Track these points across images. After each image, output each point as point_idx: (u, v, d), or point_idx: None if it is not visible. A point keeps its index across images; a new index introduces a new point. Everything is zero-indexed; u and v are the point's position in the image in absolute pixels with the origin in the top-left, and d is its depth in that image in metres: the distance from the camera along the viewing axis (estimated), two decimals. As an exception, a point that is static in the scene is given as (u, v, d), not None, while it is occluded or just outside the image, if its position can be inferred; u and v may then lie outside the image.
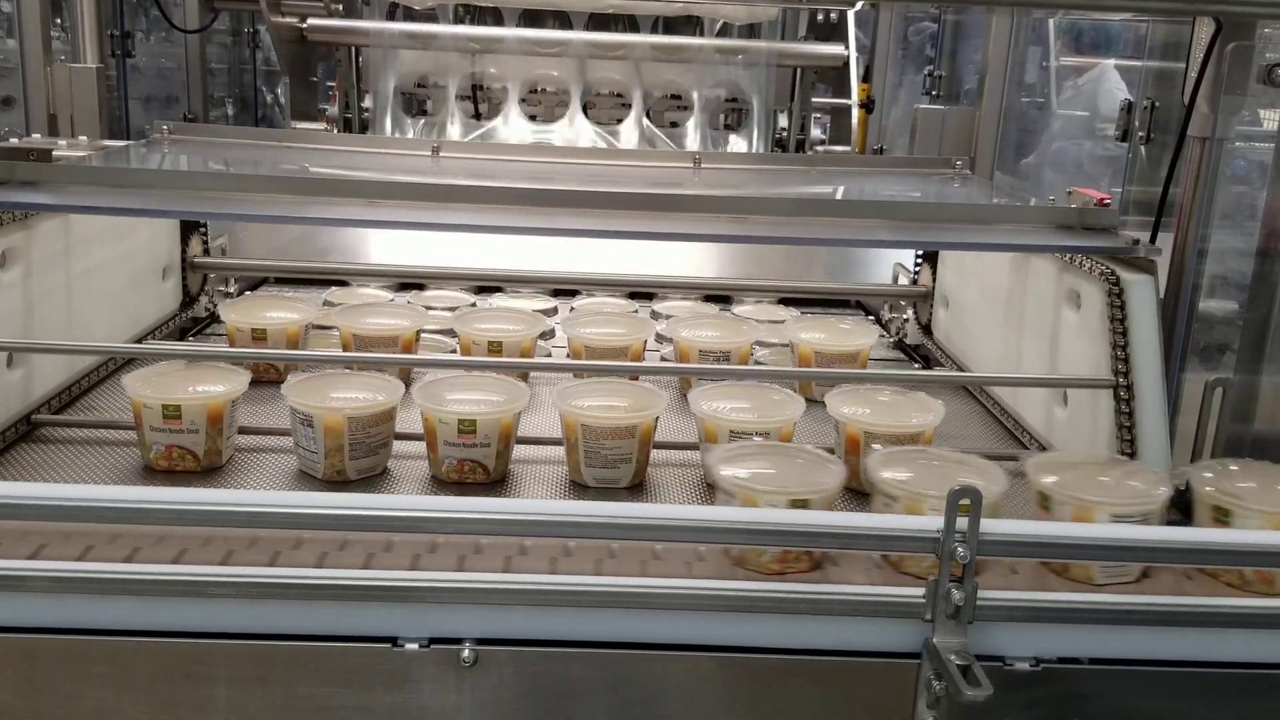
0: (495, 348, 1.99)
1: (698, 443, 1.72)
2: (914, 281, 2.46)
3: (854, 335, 2.07)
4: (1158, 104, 2.17)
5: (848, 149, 3.64)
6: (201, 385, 1.67)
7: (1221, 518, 1.35)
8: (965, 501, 1.17)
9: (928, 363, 2.41)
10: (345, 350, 2.01)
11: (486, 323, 2.07)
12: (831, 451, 1.61)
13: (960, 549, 1.18)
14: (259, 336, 2.02)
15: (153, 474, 1.62)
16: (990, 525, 1.20)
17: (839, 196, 2.11)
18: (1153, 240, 1.65)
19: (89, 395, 1.91)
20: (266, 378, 1.96)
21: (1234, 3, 1.00)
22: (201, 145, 2.31)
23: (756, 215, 1.66)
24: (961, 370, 2.19)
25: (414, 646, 1.22)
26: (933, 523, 1.20)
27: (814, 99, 3.59)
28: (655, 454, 1.70)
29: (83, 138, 2.39)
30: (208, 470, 1.63)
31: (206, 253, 2.42)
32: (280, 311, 2.08)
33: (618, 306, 2.48)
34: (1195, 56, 1.63)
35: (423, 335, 2.10)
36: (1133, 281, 1.52)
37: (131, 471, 1.64)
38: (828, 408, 1.67)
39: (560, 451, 1.69)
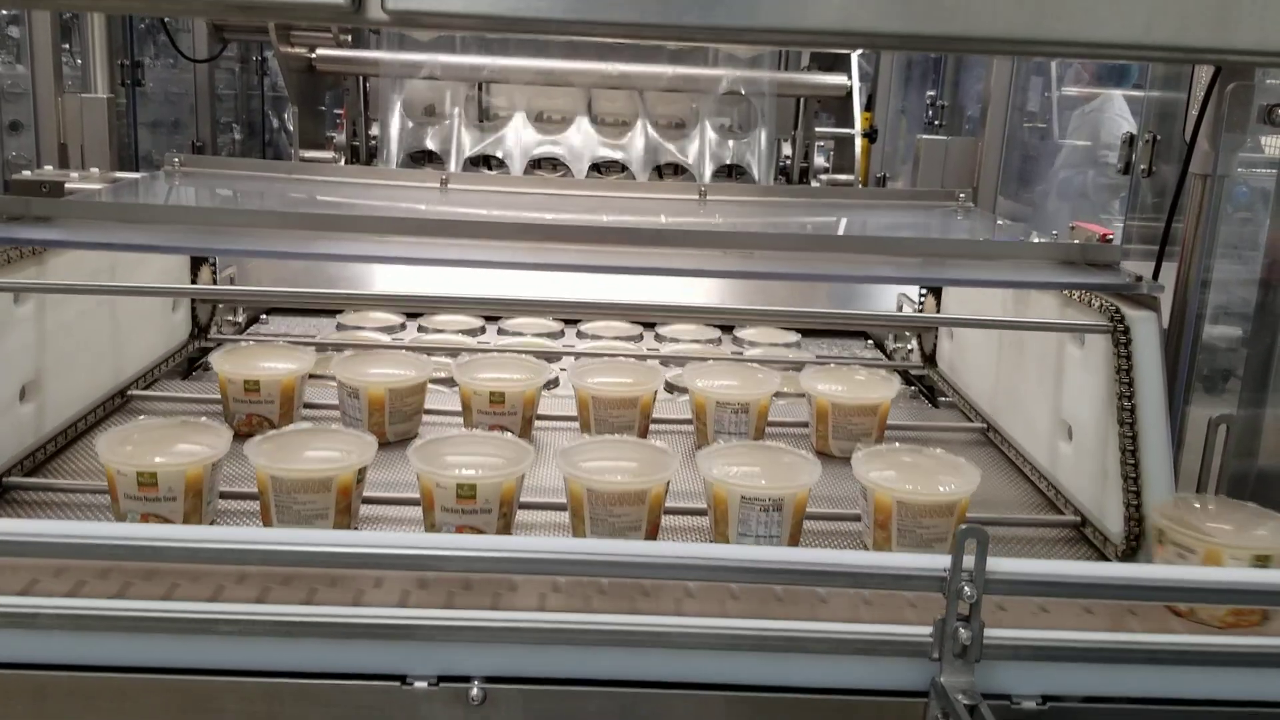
0: (497, 399, 1.89)
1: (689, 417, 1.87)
2: (919, 310, 2.47)
3: (873, 387, 1.94)
4: (1159, 137, 2.19)
5: (851, 177, 3.66)
6: (183, 444, 1.57)
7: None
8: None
9: (933, 393, 2.42)
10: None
11: (488, 371, 1.97)
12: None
13: (967, 588, 1.19)
14: (251, 388, 1.88)
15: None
16: (996, 564, 1.20)
17: (843, 231, 2.12)
18: (1155, 276, 1.66)
19: (97, 430, 1.92)
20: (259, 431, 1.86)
21: (1232, 51, 1.01)
22: (212, 177, 2.34)
23: (762, 250, 1.67)
24: (966, 400, 2.19)
25: (423, 685, 1.23)
26: (939, 561, 1.21)
27: (817, 128, 3.61)
28: (666, 519, 1.62)
29: (94, 170, 2.42)
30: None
31: (215, 282, 2.44)
32: (274, 361, 1.95)
33: (622, 330, 2.51)
34: (1196, 95, 1.65)
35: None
36: (1136, 318, 1.53)
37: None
38: (854, 470, 1.58)
39: (565, 516, 1.60)
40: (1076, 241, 1.78)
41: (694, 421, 1.94)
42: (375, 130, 3.47)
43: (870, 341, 2.72)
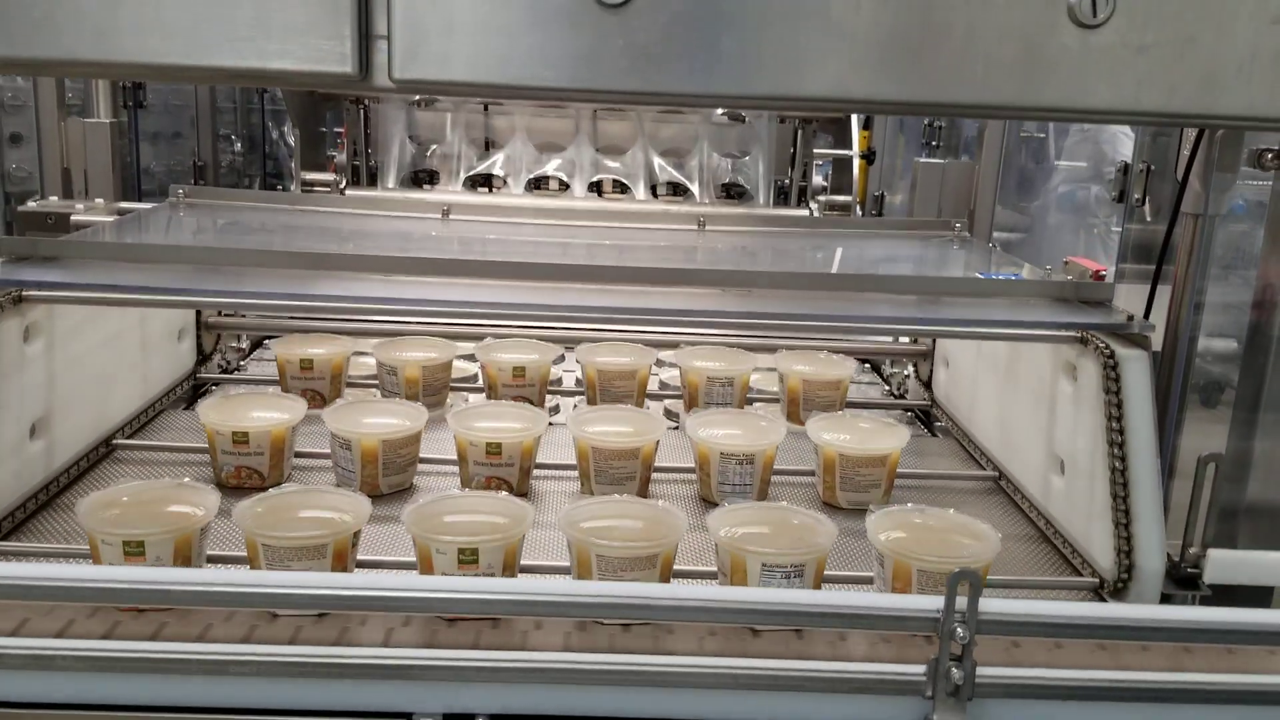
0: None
1: (693, 466, 1.90)
2: (915, 340, 2.50)
3: (881, 435, 1.92)
4: (1153, 167, 2.22)
5: (850, 198, 3.69)
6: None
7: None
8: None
9: (929, 419, 2.45)
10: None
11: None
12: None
13: (959, 629, 1.22)
14: (240, 440, 1.84)
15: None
16: (989, 605, 1.23)
17: (840, 264, 2.16)
18: (1147, 315, 1.69)
19: (106, 463, 1.95)
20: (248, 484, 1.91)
21: (1219, 117, 1.04)
22: (215, 209, 2.37)
23: (760, 289, 1.70)
24: (962, 430, 2.22)
25: (427, 722, 1.26)
26: (932, 603, 1.24)
27: (816, 149, 3.64)
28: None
29: (99, 200, 2.45)
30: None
31: (220, 312, 2.47)
32: (264, 411, 1.92)
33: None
34: (1189, 134, 1.68)
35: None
36: (1127, 357, 1.56)
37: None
38: (869, 532, 1.55)
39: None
40: (1070, 278, 1.81)
41: (697, 471, 1.89)
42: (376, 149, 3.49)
43: (868, 365, 2.75)
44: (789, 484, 1.95)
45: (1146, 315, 1.71)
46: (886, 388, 2.63)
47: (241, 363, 2.61)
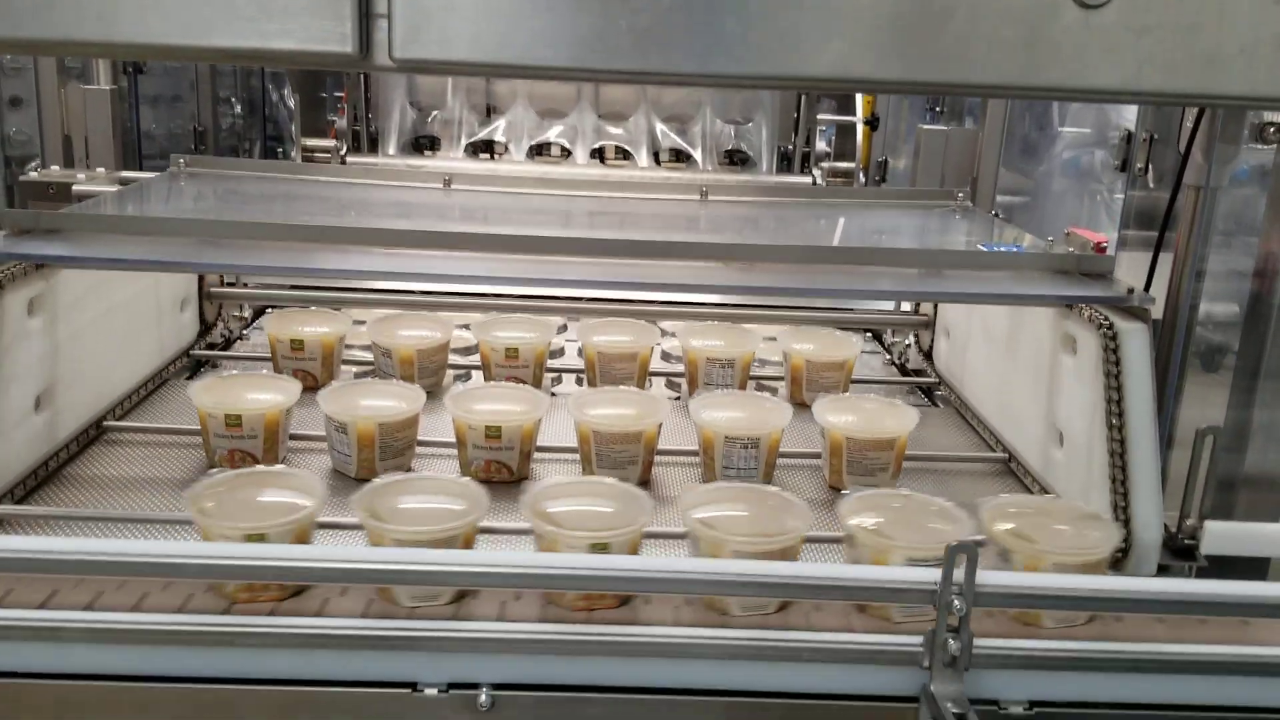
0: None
1: (697, 449, 1.87)
2: (916, 309, 2.51)
3: (888, 416, 1.90)
4: (1156, 136, 2.21)
5: (853, 165, 3.68)
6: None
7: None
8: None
9: (929, 390, 2.45)
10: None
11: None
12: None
13: (956, 601, 1.24)
14: (233, 423, 1.80)
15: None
16: (986, 577, 1.25)
17: (843, 236, 2.16)
18: (1147, 287, 1.70)
19: (114, 431, 1.96)
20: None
21: (1220, 97, 1.04)
22: (216, 179, 2.37)
23: (762, 263, 1.71)
24: (963, 401, 2.23)
25: (433, 692, 1.27)
26: (929, 575, 1.26)
27: (819, 115, 3.63)
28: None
29: (100, 169, 2.45)
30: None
31: (223, 282, 2.47)
32: (258, 393, 1.87)
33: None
34: (1191, 109, 1.68)
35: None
36: (1127, 330, 1.56)
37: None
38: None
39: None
40: (1071, 250, 1.81)
41: (701, 455, 1.86)
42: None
43: (869, 334, 2.75)
44: (795, 467, 1.92)
45: (1148, 286, 1.71)
46: (888, 357, 2.64)
47: (244, 332, 2.62)
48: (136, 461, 1.85)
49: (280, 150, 6.25)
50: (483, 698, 1.27)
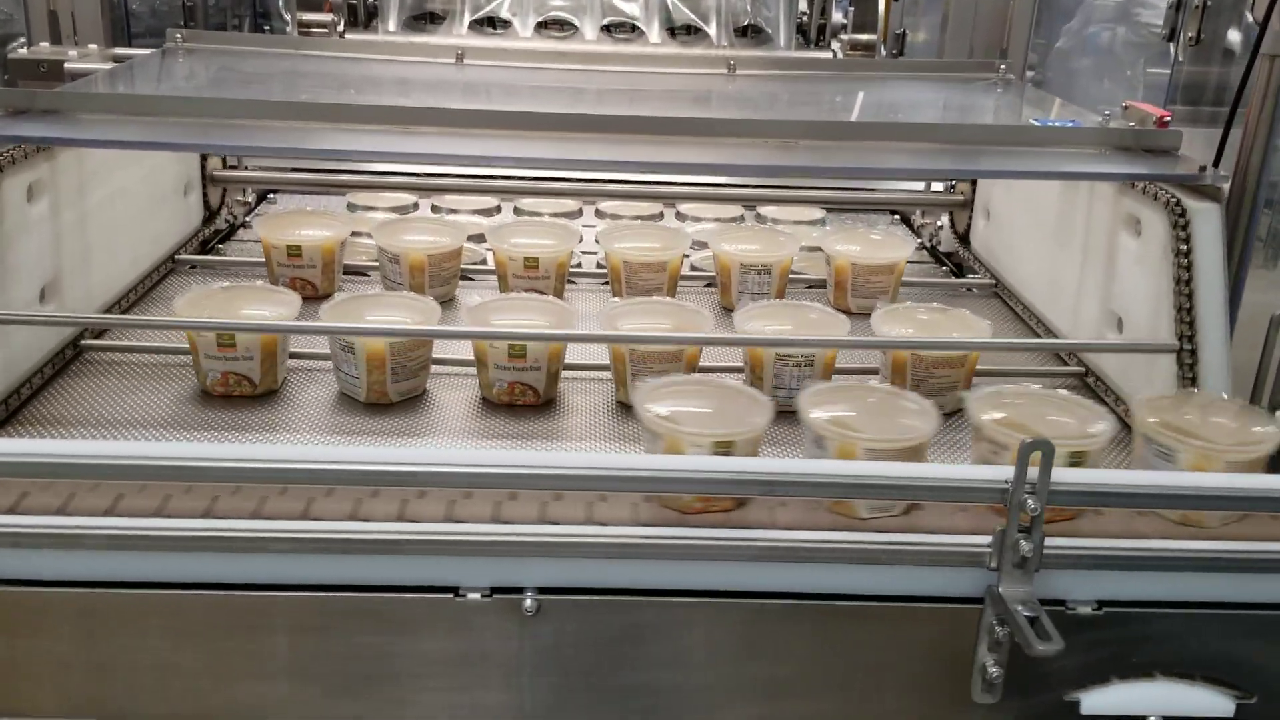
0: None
1: (742, 365, 1.72)
2: (951, 188, 2.40)
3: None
4: (1209, 2, 2.08)
5: (873, 36, 3.52)
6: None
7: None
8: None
9: (962, 271, 2.37)
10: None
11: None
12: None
13: (1030, 500, 1.17)
14: (226, 343, 1.61)
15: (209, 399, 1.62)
16: (1061, 475, 1.18)
17: (883, 112, 2.04)
18: (1217, 163, 1.60)
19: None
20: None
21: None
22: (214, 54, 2.24)
23: (806, 140, 1.60)
24: (1001, 283, 2.14)
25: (475, 596, 1.21)
26: (1001, 473, 1.19)
27: (838, -19, 3.46)
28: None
29: (92, 46, 2.31)
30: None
31: (225, 165, 2.36)
32: (254, 307, 1.71)
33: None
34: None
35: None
36: (1199, 210, 1.47)
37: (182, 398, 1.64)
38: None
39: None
40: (1131, 125, 1.71)
41: (747, 375, 1.72)
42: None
43: (896, 217, 2.65)
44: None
45: (1216, 163, 1.62)
46: (918, 240, 2.54)
47: (248, 218, 2.51)
48: (138, 365, 1.75)
49: (268, 27, 6.02)
50: (528, 602, 1.21)
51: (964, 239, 2.37)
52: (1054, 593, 1.24)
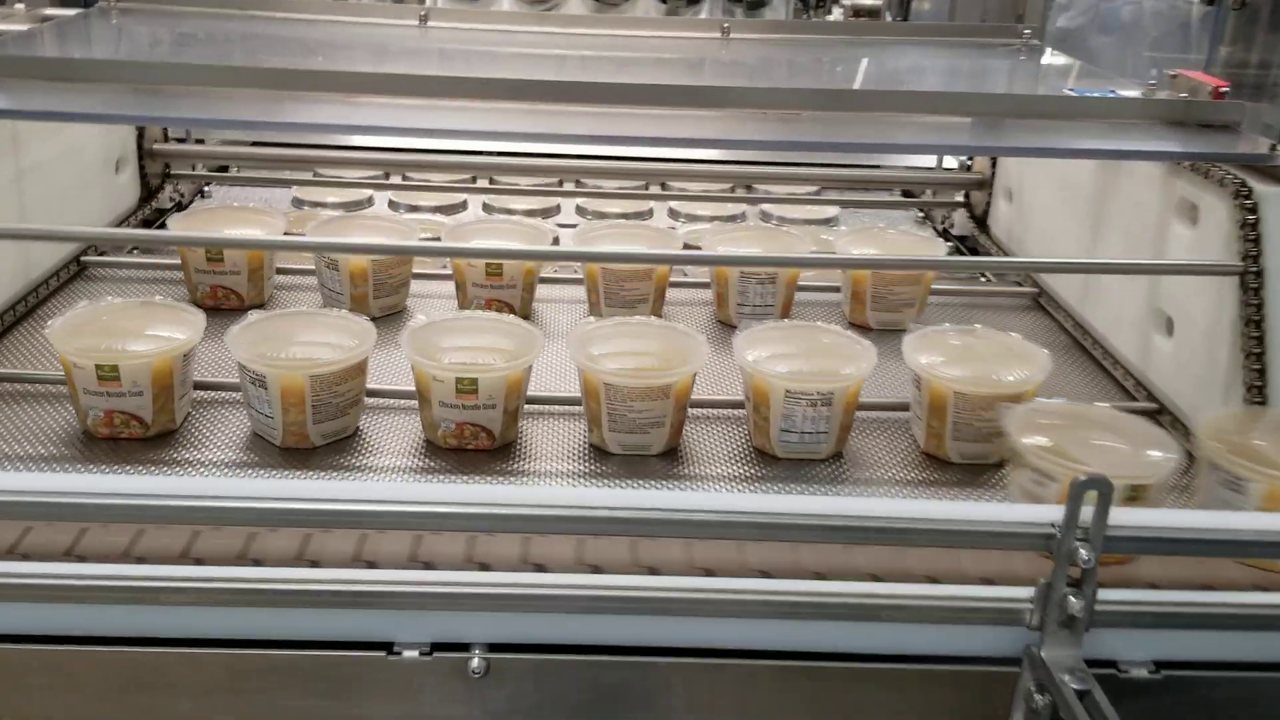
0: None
1: (742, 400, 1.45)
2: (970, 166, 2.18)
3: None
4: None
5: (877, 2, 3.30)
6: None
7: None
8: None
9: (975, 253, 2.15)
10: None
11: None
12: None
13: (1083, 550, 0.96)
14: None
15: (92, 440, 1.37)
16: (1120, 517, 0.97)
17: (898, 81, 1.82)
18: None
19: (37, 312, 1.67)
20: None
21: None
22: (155, 15, 2.01)
23: (810, 110, 1.38)
24: (1028, 268, 1.92)
25: (413, 654, 1.03)
26: (1048, 514, 0.98)
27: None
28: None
29: (19, 5, 2.09)
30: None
31: (167, 138, 2.14)
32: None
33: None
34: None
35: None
36: (1269, 195, 1.27)
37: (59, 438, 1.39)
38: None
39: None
40: (1183, 96, 1.49)
41: (751, 415, 1.43)
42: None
43: (902, 194, 2.43)
44: (874, 421, 1.49)
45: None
46: (930, 224, 2.32)
47: (198, 200, 2.29)
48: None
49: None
50: (475, 662, 1.02)
51: (981, 223, 2.15)
52: (1102, 652, 1.05)
